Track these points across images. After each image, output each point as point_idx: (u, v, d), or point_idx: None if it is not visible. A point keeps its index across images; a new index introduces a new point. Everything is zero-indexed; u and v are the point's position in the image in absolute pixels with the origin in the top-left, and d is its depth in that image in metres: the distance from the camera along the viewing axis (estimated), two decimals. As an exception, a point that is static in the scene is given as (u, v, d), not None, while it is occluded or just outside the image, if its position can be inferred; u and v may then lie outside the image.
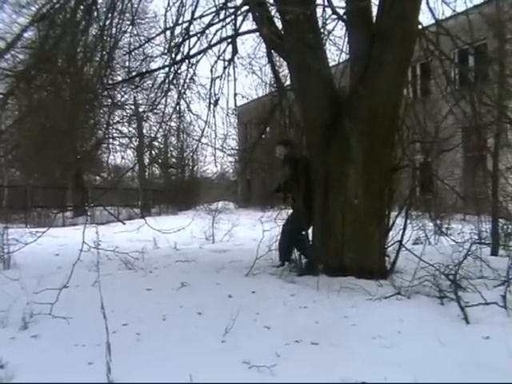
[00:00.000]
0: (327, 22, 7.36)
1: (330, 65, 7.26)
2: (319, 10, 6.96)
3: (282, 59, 8.03)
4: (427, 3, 6.83)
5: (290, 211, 7.15)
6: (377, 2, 6.42)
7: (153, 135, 24.31)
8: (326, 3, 6.19)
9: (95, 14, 6.34)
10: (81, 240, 4.58)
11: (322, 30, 7.14)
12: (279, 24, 6.70)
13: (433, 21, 7.06)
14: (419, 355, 3.35)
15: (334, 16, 6.80)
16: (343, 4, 6.84)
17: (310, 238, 6.51)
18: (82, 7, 6.09)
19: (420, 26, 6.58)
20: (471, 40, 7.76)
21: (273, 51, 6.86)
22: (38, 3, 6.44)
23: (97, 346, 3.32)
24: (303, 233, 6.52)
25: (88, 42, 6.81)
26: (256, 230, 7.36)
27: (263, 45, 7.56)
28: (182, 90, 6.62)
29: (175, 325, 4.21)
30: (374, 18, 6.35)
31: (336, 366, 3.20)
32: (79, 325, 4.03)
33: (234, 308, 4.06)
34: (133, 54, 8.07)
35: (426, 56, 7.18)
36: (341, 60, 7.91)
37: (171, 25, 6.08)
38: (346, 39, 6.87)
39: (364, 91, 5.95)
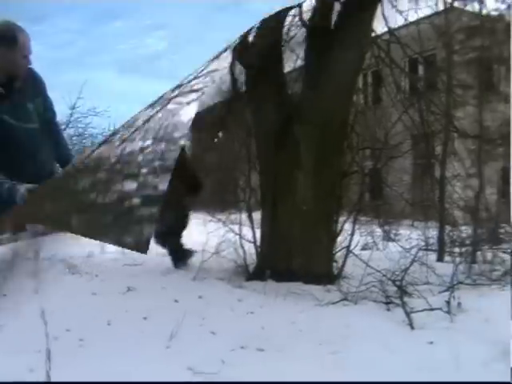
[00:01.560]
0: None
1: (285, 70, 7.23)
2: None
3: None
4: (382, 11, 6.89)
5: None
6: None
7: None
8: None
9: None
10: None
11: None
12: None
13: (385, 29, 7.14)
14: (365, 360, 3.34)
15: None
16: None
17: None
18: None
19: (373, 34, 6.64)
20: (421, 49, 7.92)
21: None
22: None
23: (38, 352, 3.18)
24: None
25: None
26: (204, 234, 7.25)
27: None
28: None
29: (120, 330, 4.07)
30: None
31: (282, 372, 3.15)
32: (19, 332, 3.86)
33: (180, 313, 3.98)
34: None
35: (378, 64, 7.27)
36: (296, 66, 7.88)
37: None
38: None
39: (314, 97, 5.97)
